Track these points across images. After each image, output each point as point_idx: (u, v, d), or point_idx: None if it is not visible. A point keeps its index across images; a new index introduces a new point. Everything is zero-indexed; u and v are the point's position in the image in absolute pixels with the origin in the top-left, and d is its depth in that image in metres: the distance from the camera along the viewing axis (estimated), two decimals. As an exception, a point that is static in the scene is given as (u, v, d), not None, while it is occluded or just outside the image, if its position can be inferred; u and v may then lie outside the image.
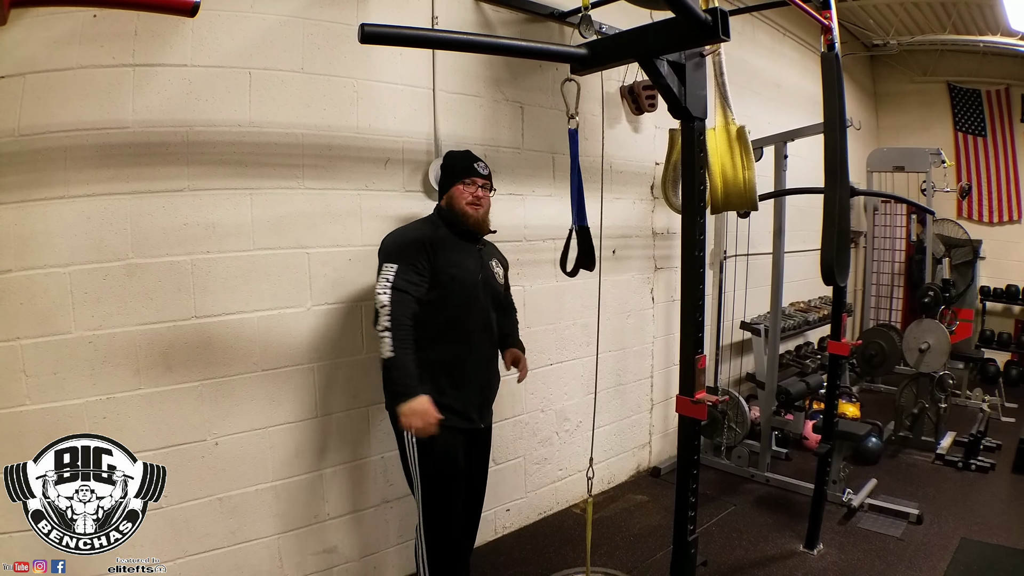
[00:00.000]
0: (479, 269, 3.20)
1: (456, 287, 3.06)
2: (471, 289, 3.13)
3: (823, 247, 3.60)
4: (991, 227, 9.09)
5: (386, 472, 3.78)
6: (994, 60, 8.59)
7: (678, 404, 2.73)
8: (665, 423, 5.76)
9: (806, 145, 5.23)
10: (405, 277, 2.91)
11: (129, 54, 2.89)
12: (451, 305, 3.06)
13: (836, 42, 3.63)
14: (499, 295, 3.34)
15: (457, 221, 3.18)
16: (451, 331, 3.06)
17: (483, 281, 3.20)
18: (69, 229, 2.83)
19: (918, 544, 4.29)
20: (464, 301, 3.10)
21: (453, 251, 3.12)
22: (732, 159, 3.80)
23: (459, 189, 3.19)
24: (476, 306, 3.15)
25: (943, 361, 5.92)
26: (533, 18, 4.27)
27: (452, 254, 3.10)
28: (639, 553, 4.25)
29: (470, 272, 3.14)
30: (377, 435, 3.72)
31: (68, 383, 2.86)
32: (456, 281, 3.06)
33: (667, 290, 5.58)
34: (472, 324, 3.14)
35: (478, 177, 3.21)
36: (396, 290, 2.87)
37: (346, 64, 3.47)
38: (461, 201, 3.17)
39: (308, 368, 3.44)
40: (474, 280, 3.15)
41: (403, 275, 2.91)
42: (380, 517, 3.78)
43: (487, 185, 3.26)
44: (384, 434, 3.71)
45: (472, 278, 3.14)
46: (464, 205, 3.17)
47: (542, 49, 2.98)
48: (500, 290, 3.35)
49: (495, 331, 3.30)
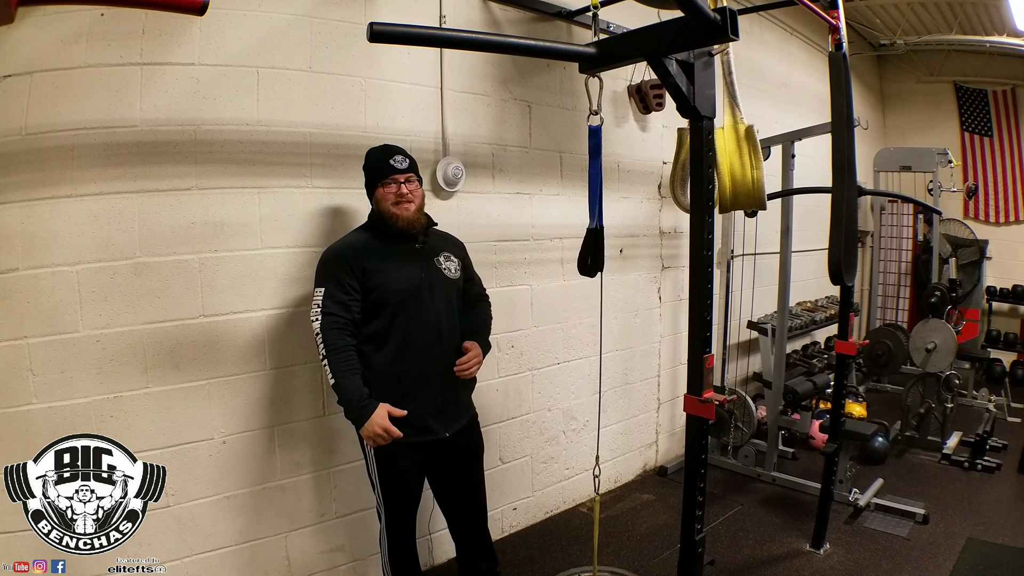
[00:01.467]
0: (420, 271, 3.06)
1: (392, 296, 2.97)
2: (411, 295, 3.00)
3: (830, 246, 3.59)
4: (998, 227, 9.06)
5: (392, 471, 3.78)
6: (1000, 60, 8.56)
7: (686, 403, 2.72)
8: (672, 422, 5.76)
9: (814, 144, 5.23)
10: (333, 300, 2.88)
11: (137, 53, 2.90)
12: (390, 315, 2.97)
13: (843, 42, 3.62)
14: (453, 292, 3.18)
15: (387, 224, 3.04)
16: (394, 341, 2.97)
17: (426, 283, 3.05)
18: (76, 228, 2.84)
19: (924, 544, 4.28)
20: (403, 309, 2.98)
21: (384, 259, 3.00)
22: (740, 158, 3.80)
23: (381, 192, 3.04)
24: (419, 312, 3.01)
25: (949, 361, 5.90)
26: (541, 17, 4.26)
27: (383, 262, 2.99)
28: (646, 552, 4.25)
29: (406, 278, 3.01)
30: (384, 434, 3.71)
31: (75, 382, 2.86)
32: (390, 291, 2.97)
33: (674, 289, 5.57)
34: (416, 331, 2.99)
35: (397, 173, 3.02)
36: (326, 315, 2.86)
37: (354, 63, 3.47)
38: (386, 203, 3.02)
39: (316, 367, 3.43)
40: (413, 285, 3.02)
41: (331, 298, 2.89)
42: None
43: (411, 178, 3.06)
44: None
45: (409, 283, 3.01)
46: (390, 207, 3.01)
47: (551, 48, 2.97)
48: (454, 287, 3.19)
49: (450, 333, 3.13)
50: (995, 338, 8.79)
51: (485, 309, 3.43)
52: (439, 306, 3.07)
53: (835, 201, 3.60)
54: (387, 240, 3.04)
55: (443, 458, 3.19)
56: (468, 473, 3.33)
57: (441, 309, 3.08)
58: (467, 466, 3.32)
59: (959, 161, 8.71)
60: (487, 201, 4.10)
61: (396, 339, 2.95)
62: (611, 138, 4.83)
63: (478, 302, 3.41)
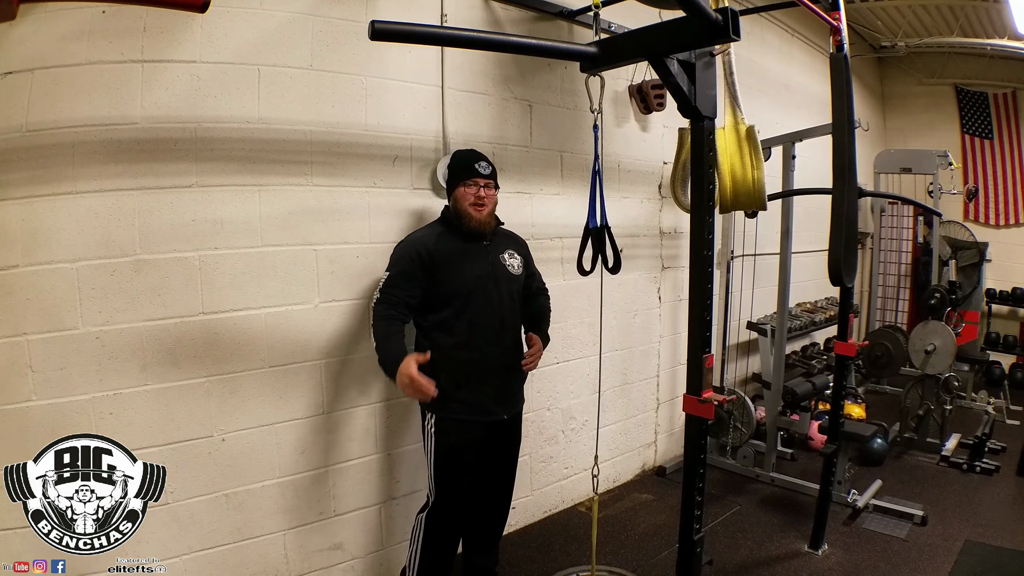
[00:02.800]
0: (487, 266, 3.30)
1: (461, 288, 3.22)
2: (478, 289, 3.25)
3: (830, 248, 3.59)
4: (997, 230, 9.07)
5: (392, 469, 3.79)
6: (1001, 63, 8.57)
7: (685, 403, 2.72)
8: (671, 422, 5.76)
9: (814, 146, 5.23)
10: (393, 284, 3.16)
11: (138, 50, 2.89)
12: (458, 305, 3.22)
13: (845, 43, 3.62)
14: (515, 287, 3.42)
15: (461, 222, 3.29)
16: (460, 329, 3.21)
17: (492, 278, 3.30)
18: (76, 225, 2.83)
19: (922, 546, 4.28)
20: (471, 302, 3.23)
21: (455, 254, 3.25)
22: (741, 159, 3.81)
23: (461, 191, 3.29)
24: (486, 304, 3.26)
25: (949, 363, 5.91)
26: (542, 16, 4.26)
27: (454, 257, 3.24)
28: (644, 552, 4.25)
29: (474, 272, 3.26)
30: (384, 432, 3.73)
31: (74, 379, 2.86)
32: (460, 283, 3.23)
33: (674, 289, 5.58)
34: (483, 322, 3.25)
35: (479, 177, 3.28)
36: (383, 292, 3.15)
37: (355, 61, 3.47)
38: (464, 203, 3.28)
39: (315, 365, 3.44)
40: (480, 280, 3.26)
41: (391, 282, 3.17)
42: (386, 514, 3.78)
43: (490, 184, 3.33)
44: (390, 432, 3.74)
45: (477, 277, 3.26)
46: (467, 207, 3.27)
47: (552, 47, 2.98)
48: (516, 282, 3.43)
49: (513, 324, 3.41)
50: (994, 340, 8.80)
51: (544, 303, 3.73)
52: (503, 299, 3.34)
53: (835, 202, 3.61)
54: (458, 236, 3.31)
55: (498, 439, 3.45)
56: (513, 454, 3.62)
57: (505, 301, 3.34)
58: (512, 448, 3.60)
59: (959, 163, 8.71)
60: (487, 200, 4.07)
61: (463, 327, 3.22)
62: (612, 138, 4.83)
63: (538, 295, 3.70)
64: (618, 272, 3.29)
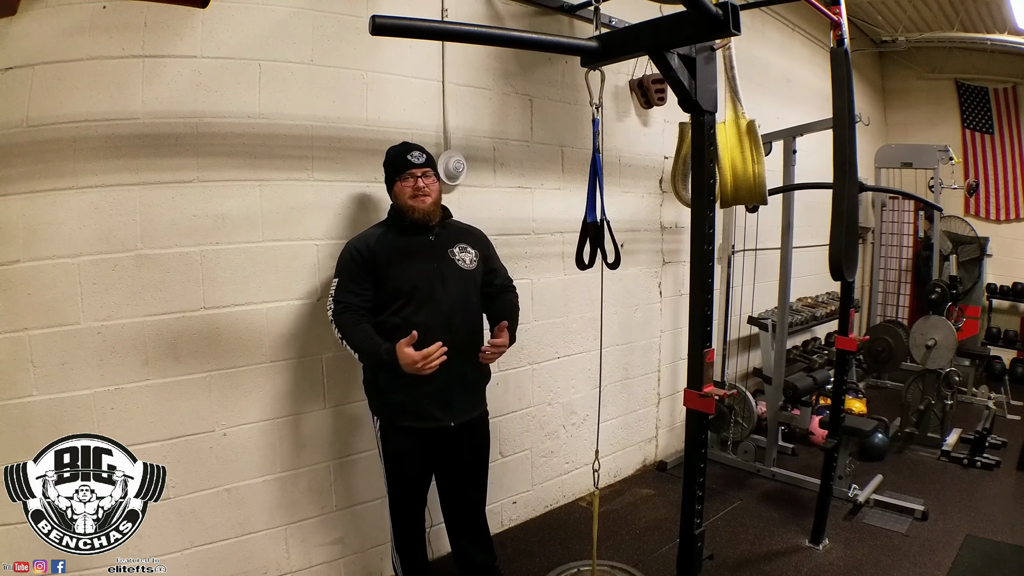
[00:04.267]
0: (432, 262, 3.15)
1: (403, 287, 3.08)
2: (421, 287, 3.09)
3: (831, 242, 3.59)
4: (998, 224, 9.06)
5: (393, 464, 3.79)
6: (1002, 58, 8.55)
7: (686, 397, 2.72)
8: (672, 417, 5.77)
9: (815, 141, 5.22)
10: (344, 289, 3.06)
11: (139, 45, 2.90)
12: (401, 306, 3.08)
13: (845, 38, 3.62)
14: (468, 284, 3.25)
15: (404, 217, 3.15)
16: (403, 328, 2.99)
17: (438, 275, 3.15)
18: (78, 220, 2.84)
19: (923, 540, 4.29)
20: (412, 300, 3.08)
21: (396, 251, 3.11)
22: (742, 153, 3.80)
23: (399, 186, 3.15)
24: (429, 303, 3.09)
25: (949, 358, 5.91)
26: (542, 11, 4.26)
27: (395, 254, 3.11)
28: (645, 546, 4.26)
29: (418, 270, 3.11)
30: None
31: (76, 374, 2.87)
32: (402, 282, 3.08)
33: (675, 284, 5.58)
34: (425, 322, 3.03)
35: (414, 167, 3.13)
36: (338, 302, 3.05)
37: (356, 56, 3.47)
38: (404, 197, 3.14)
39: (316, 360, 3.45)
40: (424, 276, 3.11)
41: (342, 288, 3.07)
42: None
43: (428, 173, 3.18)
44: (391, 426, 3.74)
45: (421, 275, 3.11)
46: (407, 200, 3.13)
47: (552, 42, 2.97)
48: (470, 278, 3.26)
49: (465, 324, 3.21)
50: (995, 335, 8.78)
51: (511, 299, 3.48)
52: (451, 297, 3.15)
53: (836, 197, 3.61)
54: (402, 233, 3.16)
55: (446, 447, 3.27)
56: (468, 466, 3.40)
57: (455, 300, 3.16)
58: (468, 459, 3.39)
59: (960, 158, 8.71)
60: (488, 195, 4.10)
61: (407, 328, 2.97)
62: (612, 132, 4.83)
63: (503, 293, 3.46)
64: (618, 267, 3.15)
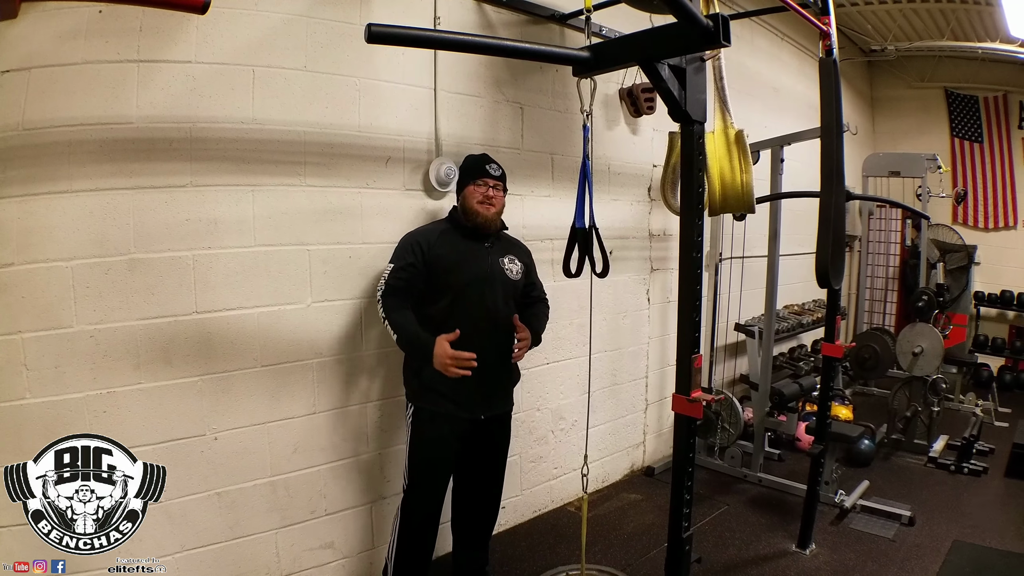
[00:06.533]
0: (485, 267, 3.35)
1: (455, 284, 3.27)
2: (472, 283, 3.29)
3: (818, 250, 3.63)
4: (986, 233, 9.13)
5: (383, 468, 3.81)
6: (992, 66, 8.63)
7: (674, 402, 2.76)
8: (659, 423, 5.80)
9: (803, 149, 5.26)
10: (396, 275, 3.24)
11: (134, 50, 2.91)
12: (451, 300, 3.27)
13: (834, 48, 3.66)
14: (511, 291, 3.44)
15: (466, 219, 3.38)
16: (449, 323, 3.20)
17: (488, 279, 3.34)
18: (72, 223, 2.84)
19: (910, 545, 4.32)
20: (463, 295, 3.28)
21: (454, 251, 3.32)
22: (730, 162, 3.84)
23: (471, 189, 3.38)
24: (478, 300, 3.29)
25: (936, 365, 5.96)
26: (534, 20, 4.29)
27: (452, 251, 3.31)
28: (633, 551, 4.28)
29: (471, 271, 3.30)
30: (375, 431, 3.75)
31: (69, 377, 2.86)
32: (455, 278, 3.28)
33: (663, 291, 5.61)
34: (473, 320, 3.24)
35: (489, 178, 3.38)
36: (388, 285, 3.23)
37: (349, 63, 3.49)
38: (472, 200, 3.36)
39: (307, 364, 3.46)
40: (476, 275, 3.31)
41: (395, 273, 3.24)
42: (377, 513, 3.80)
43: (499, 186, 3.42)
44: (381, 431, 3.76)
45: (473, 274, 3.31)
46: (475, 204, 3.35)
47: (544, 51, 3.01)
48: (512, 287, 3.45)
49: (505, 327, 3.37)
50: (983, 343, 8.86)
51: (542, 309, 3.74)
52: (497, 302, 3.36)
53: (823, 205, 3.65)
54: (462, 234, 3.40)
55: (478, 439, 3.45)
56: (495, 455, 3.62)
57: (499, 305, 3.37)
58: (495, 449, 3.61)
59: (948, 167, 8.77)
60: (479, 201, 4.09)
61: (453, 322, 3.21)
62: (602, 141, 4.87)
63: (536, 303, 3.71)
64: (606, 276, 3.27)
